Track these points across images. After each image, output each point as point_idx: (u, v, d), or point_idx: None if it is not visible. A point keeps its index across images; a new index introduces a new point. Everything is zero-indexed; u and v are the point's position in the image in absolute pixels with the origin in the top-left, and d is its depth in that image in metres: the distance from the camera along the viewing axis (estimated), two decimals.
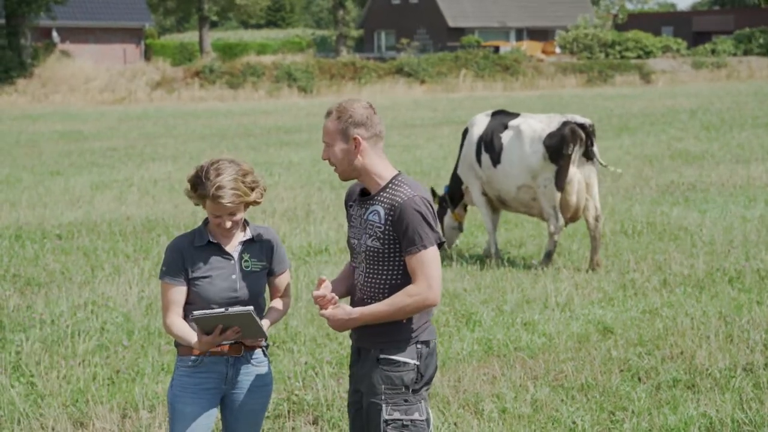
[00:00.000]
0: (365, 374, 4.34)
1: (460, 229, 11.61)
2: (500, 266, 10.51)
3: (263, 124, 29.20)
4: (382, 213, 4.26)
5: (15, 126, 29.18)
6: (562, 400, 6.63)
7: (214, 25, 69.10)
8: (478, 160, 10.87)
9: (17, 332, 8.13)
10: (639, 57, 55.18)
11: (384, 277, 4.29)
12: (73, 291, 9.46)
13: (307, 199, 14.85)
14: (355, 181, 4.50)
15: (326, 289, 4.36)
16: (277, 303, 4.70)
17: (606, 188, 15.49)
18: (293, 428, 6.26)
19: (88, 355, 7.54)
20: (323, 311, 4.33)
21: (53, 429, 6.28)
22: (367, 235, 4.30)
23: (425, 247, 4.21)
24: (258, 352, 4.62)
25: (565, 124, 10.32)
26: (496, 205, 11.11)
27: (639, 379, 7.04)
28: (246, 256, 4.56)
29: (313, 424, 6.35)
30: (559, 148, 10.25)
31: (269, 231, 4.68)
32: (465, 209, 11.60)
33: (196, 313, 4.36)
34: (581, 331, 8.08)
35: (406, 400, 4.28)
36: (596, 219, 10.51)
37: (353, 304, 4.43)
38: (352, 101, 4.35)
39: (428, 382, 4.37)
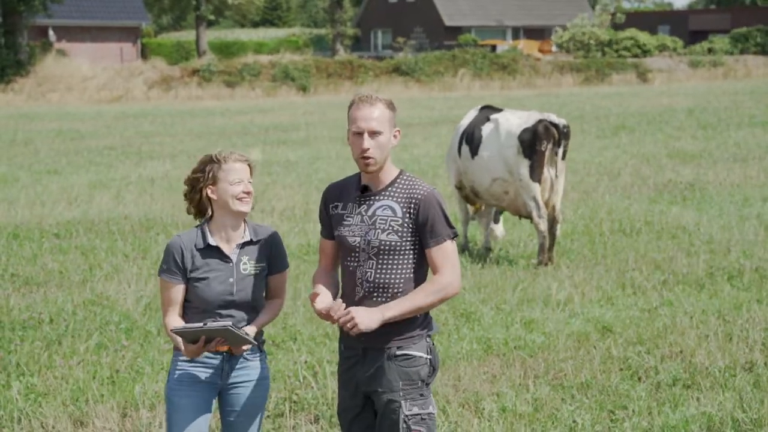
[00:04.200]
0: (377, 374, 4.31)
1: (486, 218, 11.77)
2: (500, 265, 10.52)
3: (260, 123, 29.18)
4: (398, 207, 4.27)
5: (11, 125, 29.14)
6: (562, 399, 6.64)
7: (210, 24, 69.05)
8: (459, 151, 11.22)
9: (16, 331, 8.12)
10: (636, 56, 55.22)
11: (399, 270, 4.29)
12: (71, 290, 9.45)
13: (305, 198, 14.84)
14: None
15: (327, 297, 4.33)
16: (269, 305, 4.70)
17: (604, 187, 15.51)
18: (294, 427, 6.26)
19: (88, 354, 7.53)
20: (344, 313, 4.17)
21: (53, 428, 6.28)
22: (379, 230, 4.28)
23: (449, 237, 4.28)
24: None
25: (540, 121, 10.54)
26: (471, 198, 11.44)
27: (639, 378, 7.04)
28: (245, 259, 4.55)
29: (314, 422, 6.35)
30: (532, 143, 10.49)
31: (269, 230, 4.67)
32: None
33: (175, 327, 4.42)
34: (581, 329, 8.08)
35: (422, 395, 4.32)
36: (553, 220, 10.67)
37: (352, 303, 4.35)
38: (375, 93, 4.41)
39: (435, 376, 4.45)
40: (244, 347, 4.52)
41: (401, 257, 4.28)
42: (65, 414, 6.43)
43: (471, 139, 11.07)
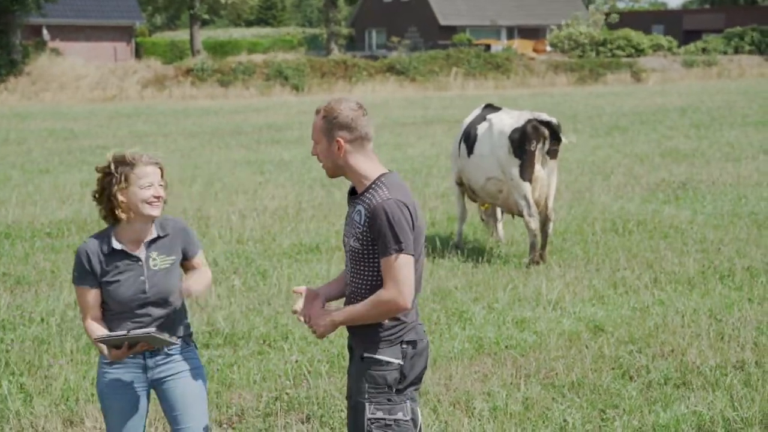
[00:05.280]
0: (353, 372, 4.37)
1: (494, 217, 11.79)
2: (492, 263, 10.52)
3: (254, 122, 29.15)
4: (363, 213, 4.23)
5: (4, 124, 29.07)
6: (553, 398, 6.63)
7: (205, 23, 68.99)
8: (459, 149, 11.38)
9: (7, 331, 8.10)
10: (630, 55, 55.26)
11: (365, 277, 4.28)
12: (63, 289, 9.43)
13: (297, 197, 14.83)
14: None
15: (302, 299, 4.43)
16: (197, 271, 4.68)
17: (597, 186, 15.52)
18: (284, 426, 6.25)
19: (79, 353, 7.52)
20: (306, 319, 4.39)
21: (43, 428, 6.26)
22: (351, 235, 4.30)
23: (395, 252, 4.14)
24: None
25: (528, 121, 10.59)
26: (470, 195, 11.58)
27: (630, 377, 7.05)
28: (154, 254, 4.56)
29: (305, 422, 6.34)
30: (521, 143, 10.55)
31: (176, 222, 4.69)
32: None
33: (98, 335, 4.43)
34: (572, 329, 8.08)
35: (389, 400, 4.26)
36: (546, 218, 10.71)
37: (345, 300, 4.45)
38: (341, 101, 4.32)
39: (415, 383, 4.34)
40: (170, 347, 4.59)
41: (365, 264, 4.25)
42: (55, 413, 6.42)
43: (468, 138, 11.21)
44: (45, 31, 50.45)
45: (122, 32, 54.09)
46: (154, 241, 4.57)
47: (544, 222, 10.71)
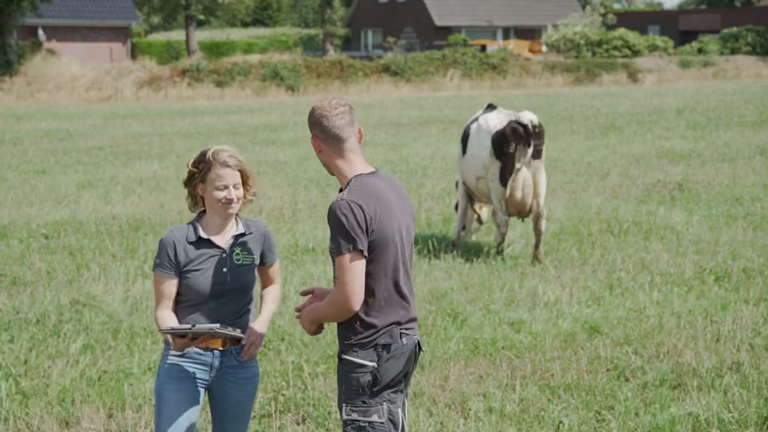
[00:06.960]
0: (337, 374, 4.41)
1: (479, 221, 11.98)
2: (488, 264, 10.52)
3: (250, 123, 29.14)
4: None
5: (0, 124, 29.03)
6: (549, 400, 6.64)
7: (201, 23, 68.96)
8: (460, 148, 11.52)
9: (3, 332, 8.09)
10: (626, 56, 55.29)
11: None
12: (59, 290, 9.42)
13: (293, 198, 14.82)
14: (324, 178, 4.56)
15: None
16: (269, 293, 4.82)
17: (593, 187, 15.53)
18: (280, 427, 6.26)
19: (74, 354, 7.51)
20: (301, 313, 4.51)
21: (39, 429, 6.26)
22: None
23: (341, 253, 4.15)
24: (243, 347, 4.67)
25: (509, 122, 10.60)
26: (469, 193, 11.68)
27: (625, 378, 7.05)
28: (237, 249, 4.65)
29: (300, 423, 6.35)
30: (501, 145, 10.61)
31: (259, 224, 4.80)
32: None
33: (164, 327, 4.48)
34: (568, 330, 8.09)
35: (364, 402, 4.27)
36: (538, 216, 10.72)
37: None
38: (323, 100, 4.38)
39: (392, 386, 4.32)
40: (241, 342, 4.61)
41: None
42: (51, 415, 6.42)
43: (463, 138, 11.31)
44: (41, 32, 50.37)
45: (118, 33, 54.00)
46: (239, 236, 4.67)
47: (537, 219, 10.73)
